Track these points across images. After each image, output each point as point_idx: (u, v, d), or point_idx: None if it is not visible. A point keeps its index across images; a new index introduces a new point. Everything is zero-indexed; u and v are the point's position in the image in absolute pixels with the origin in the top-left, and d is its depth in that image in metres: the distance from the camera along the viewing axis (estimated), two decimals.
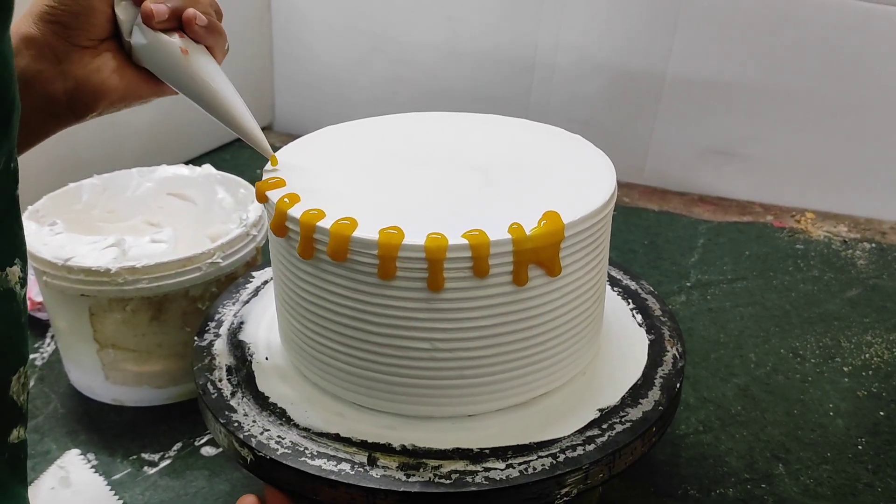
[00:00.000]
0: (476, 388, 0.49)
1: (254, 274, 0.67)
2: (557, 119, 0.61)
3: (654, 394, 0.52)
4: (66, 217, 0.75)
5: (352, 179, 0.53)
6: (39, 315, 0.82)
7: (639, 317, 0.60)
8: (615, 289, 0.64)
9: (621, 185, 0.51)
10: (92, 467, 0.65)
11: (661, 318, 0.60)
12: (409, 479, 0.45)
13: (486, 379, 0.49)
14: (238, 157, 1.20)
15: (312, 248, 0.47)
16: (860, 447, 0.68)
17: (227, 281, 0.69)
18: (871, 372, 0.78)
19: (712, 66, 1.10)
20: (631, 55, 1.13)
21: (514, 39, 1.18)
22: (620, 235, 1.04)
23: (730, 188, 1.16)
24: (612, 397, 0.52)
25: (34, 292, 0.82)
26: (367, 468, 0.46)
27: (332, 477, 0.45)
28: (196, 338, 0.59)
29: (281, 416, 0.51)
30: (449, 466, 0.46)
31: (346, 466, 0.46)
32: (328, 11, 1.28)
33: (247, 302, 0.63)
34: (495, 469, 0.46)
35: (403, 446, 0.48)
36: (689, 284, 0.93)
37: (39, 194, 0.76)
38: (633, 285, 0.65)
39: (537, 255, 0.46)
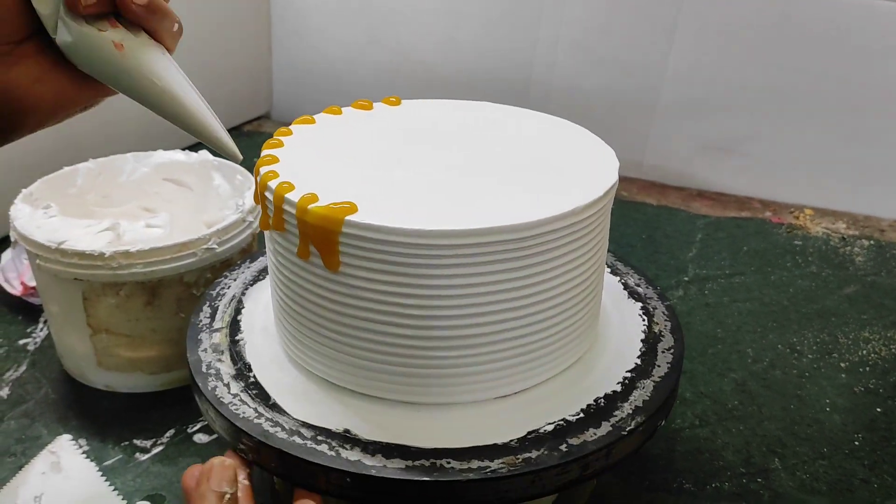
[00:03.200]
0: (462, 377, 0.48)
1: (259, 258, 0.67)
2: (556, 113, 0.61)
3: (650, 386, 0.52)
4: (61, 201, 0.74)
5: (341, 162, 0.52)
6: (32, 300, 0.81)
7: (637, 309, 0.60)
8: (614, 280, 0.64)
9: (620, 180, 0.50)
10: (83, 453, 0.65)
11: (660, 310, 0.60)
12: (388, 466, 0.45)
13: (474, 368, 0.48)
14: (235, 144, 1.19)
15: (281, 219, 0.47)
16: (857, 443, 0.68)
17: (222, 267, 0.69)
18: (868, 368, 0.78)
19: (712, 62, 1.10)
20: (631, 50, 1.13)
21: (513, 32, 1.18)
22: (618, 229, 1.03)
23: (729, 183, 1.16)
24: (607, 390, 0.51)
25: (27, 277, 0.82)
26: (344, 452, 0.46)
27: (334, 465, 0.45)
28: (191, 322, 0.58)
29: (272, 404, 0.50)
30: (435, 456, 0.45)
31: (349, 455, 0.45)
32: (327, 0, 1.28)
33: (249, 285, 0.63)
34: (482, 460, 0.45)
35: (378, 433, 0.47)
36: (686, 279, 0.93)
37: (33, 178, 0.75)
38: (632, 277, 0.64)
39: (316, 237, 0.45)
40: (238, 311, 0.59)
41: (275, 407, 0.49)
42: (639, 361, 0.54)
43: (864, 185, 1.09)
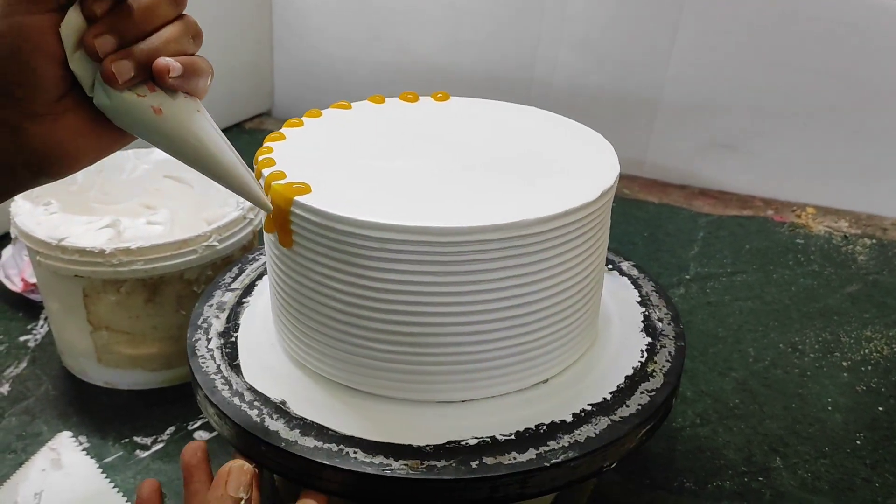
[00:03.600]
0: (462, 374, 0.48)
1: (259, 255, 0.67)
2: (558, 110, 0.60)
3: (652, 385, 0.51)
4: (62, 197, 0.74)
5: (339, 158, 0.52)
6: (33, 296, 0.81)
7: (639, 307, 0.60)
8: (617, 277, 0.63)
9: (622, 178, 0.50)
10: (83, 450, 0.65)
11: (662, 309, 0.60)
12: (305, 444, 0.45)
13: (474, 366, 0.47)
14: (236, 142, 1.18)
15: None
16: (858, 442, 0.68)
17: (222, 264, 0.69)
18: (870, 367, 0.78)
19: (714, 62, 1.09)
20: (633, 48, 1.13)
21: (516, 30, 1.18)
22: (620, 227, 1.03)
23: (731, 182, 1.16)
24: (608, 388, 0.51)
25: (28, 273, 0.81)
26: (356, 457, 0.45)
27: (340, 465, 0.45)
28: (192, 320, 0.58)
29: (235, 364, 0.52)
30: (436, 455, 0.45)
31: (350, 453, 0.45)
32: None
33: (249, 284, 0.63)
34: (484, 457, 0.45)
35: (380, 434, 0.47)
36: (688, 277, 0.93)
37: None
38: (634, 274, 0.64)
39: (276, 212, 0.46)
40: (260, 276, 0.62)
41: (235, 368, 0.52)
42: (640, 361, 0.53)
43: (867, 183, 1.09)
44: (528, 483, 0.45)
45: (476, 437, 0.46)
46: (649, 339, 0.56)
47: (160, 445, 0.66)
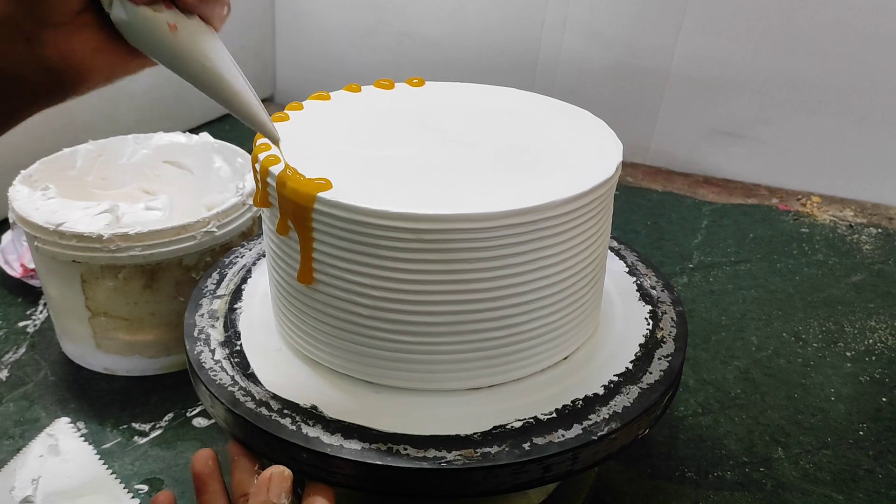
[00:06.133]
0: (494, 359, 0.47)
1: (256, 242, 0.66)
2: (562, 97, 0.59)
3: (666, 351, 0.52)
4: (60, 182, 0.73)
5: (340, 141, 0.51)
6: (32, 282, 0.81)
7: (644, 303, 0.59)
8: (625, 272, 0.62)
9: (625, 165, 0.49)
10: (81, 436, 0.64)
11: (664, 298, 0.59)
12: (344, 446, 0.44)
13: (505, 349, 0.47)
14: (237, 129, 1.18)
15: (266, 193, 0.47)
16: (861, 433, 0.67)
17: (221, 250, 0.68)
18: (874, 357, 0.77)
19: (721, 47, 1.08)
20: (639, 33, 1.11)
21: (521, 14, 1.17)
22: (623, 215, 1.02)
23: (735, 170, 1.15)
24: (627, 357, 0.51)
25: (27, 259, 0.81)
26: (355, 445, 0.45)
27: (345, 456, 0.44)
28: (186, 332, 0.57)
29: (250, 373, 0.50)
30: (393, 441, 0.45)
31: (352, 445, 0.45)
32: None
33: (261, 255, 0.62)
34: (439, 450, 0.44)
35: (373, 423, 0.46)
36: (691, 266, 0.92)
37: (33, 158, 0.74)
38: (615, 246, 0.64)
39: (293, 211, 0.45)
40: (245, 280, 0.60)
41: (251, 377, 0.50)
42: (642, 349, 0.53)
43: (873, 172, 1.08)
44: (577, 458, 0.45)
45: (519, 420, 0.46)
46: (650, 307, 0.57)
47: (158, 432, 0.66)
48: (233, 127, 1.20)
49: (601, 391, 0.49)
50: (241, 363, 0.51)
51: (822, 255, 0.96)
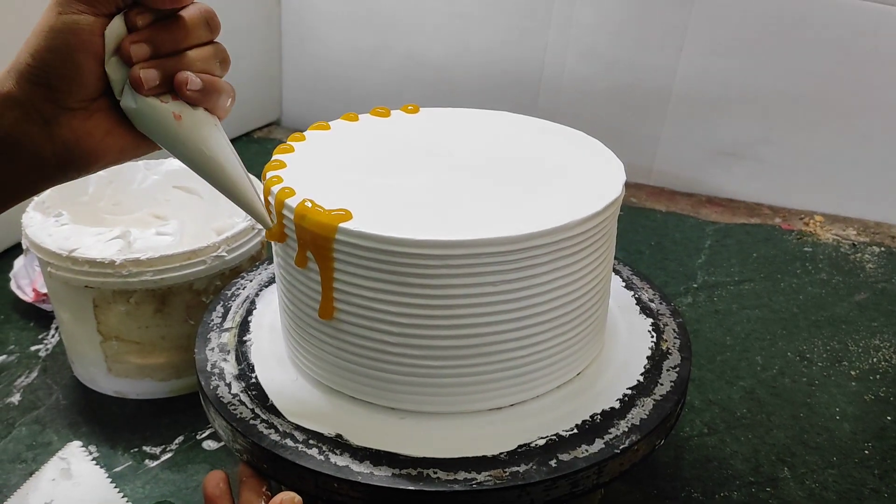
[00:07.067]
0: (454, 388, 0.48)
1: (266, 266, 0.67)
2: (566, 118, 0.61)
3: (673, 362, 0.53)
4: (72, 208, 0.75)
5: (349, 171, 0.52)
6: (44, 306, 0.82)
7: (645, 316, 0.60)
8: (623, 287, 0.63)
9: (629, 186, 0.50)
10: (93, 459, 0.65)
11: (663, 310, 0.60)
12: (375, 473, 0.45)
13: (524, 369, 0.48)
14: (245, 153, 1.19)
15: (282, 226, 0.48)
16: (867, 452, 0.68)
17: (231, 275, 0.69)
18: (878, 376, 0.77)
19: (722, 67, 1.10)
20: (641, 54, 1.13)
21: (523, 37, 1.18)
22: (627, 236, 1.03)
23: (738, 190, 1.16)
24: (637, 370, 0.52)
25: (39, 283, 0.82)
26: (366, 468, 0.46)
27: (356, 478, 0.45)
28: (203, 320, 0.59)
29: (269, 405, 0.51)
30: (423, 466, 0.45)
31: (358, 467, 0.46)
32: (338, 6, 1.28)
33: (263, 286, 0.63)
34: (469, 472, 0.45)
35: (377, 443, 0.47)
36: (695, 286, 0.93)
37: None
38: (632, 277, 0.65)
39: (313, 243, 0.45)
40: (250, 311, 0.60)
41: (271, 409, 0.50)
42: (647, 370, 0.54)
43: (875, 191, 1.09)
44: (602, 472, 0.46)
45: (542, 437, 0.47)
46: (651, 320, 0.59)
47: (169, 455, 0.67)
48: (241, 151, 1.21)
49: (617, 405, 0.50)
50: (259, 395, 0.51)
51: (826, 274, 0.96)
